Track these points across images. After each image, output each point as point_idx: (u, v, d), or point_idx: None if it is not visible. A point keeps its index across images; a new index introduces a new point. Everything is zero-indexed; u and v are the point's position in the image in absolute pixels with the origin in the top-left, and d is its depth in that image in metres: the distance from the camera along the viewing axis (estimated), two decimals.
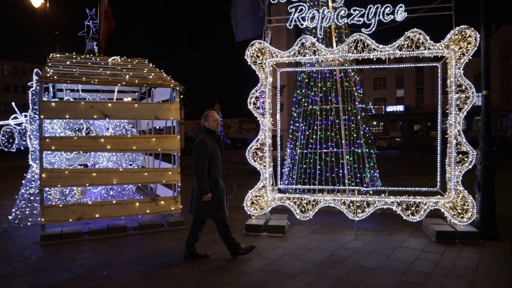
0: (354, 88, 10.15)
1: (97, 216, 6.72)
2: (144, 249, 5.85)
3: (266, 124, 6.71)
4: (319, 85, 9.98)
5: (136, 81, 7.29)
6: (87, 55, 9.40)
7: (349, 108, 9.96)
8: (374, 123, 59.85)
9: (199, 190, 4.94)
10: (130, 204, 7.02)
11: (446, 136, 6.29)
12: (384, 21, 6.29)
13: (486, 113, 6.11)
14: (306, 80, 10.35)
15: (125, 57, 9.71)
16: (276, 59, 6.69)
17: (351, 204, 6.52)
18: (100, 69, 8.00)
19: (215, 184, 5.04)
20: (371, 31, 6.35)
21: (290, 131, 10.87)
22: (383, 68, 6.71)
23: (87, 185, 6.88)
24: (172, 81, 7.50)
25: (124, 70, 8.29)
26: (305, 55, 6.55)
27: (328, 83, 9.91)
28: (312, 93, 10.12)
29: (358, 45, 6.40)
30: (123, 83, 7.08)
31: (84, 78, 6.88)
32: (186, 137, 61.28)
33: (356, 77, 10.37)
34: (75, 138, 6.81)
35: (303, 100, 10.31)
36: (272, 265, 5.04)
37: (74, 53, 9.56)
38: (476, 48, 5.98)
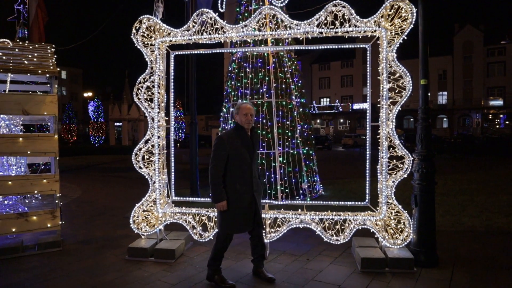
0: (291, 80, 8.84)
1: None
2: None
3: (155, 121, 5.28)
4: (250, 76, 8.63)
5: None
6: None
7: (284, 102, 8.66)
8: (341, 120, 59.47)
9: (212, 196, 4.15)
10: None
11: (378, 137, 5.06)
12: None
13: (425, 108, 4.87)
14: (236, 71, 8.99)
15: (26, 42, 8.06)
16: (169, 39, 5.26)
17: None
18: None
19: (233, 191, 4.14)
20: (283, 3, 5.01)
21: (220, 128, 9.50)
22: (302, 49, 5.36)
23: None
24: (50, 68, 5.96)
25: (0, 53, 6.67)
26: (203, 34, 5.14)
27: (260, 74, 8.58)
28: (242, 86, 8.76)
29: (271, 21, 5.07)
30: None
31: None
32: None
33: (293, 67, 9.08)
34: None
35: (233, 93, 8.95)
36: None
37: None
38: (412, 26, 4.75)
